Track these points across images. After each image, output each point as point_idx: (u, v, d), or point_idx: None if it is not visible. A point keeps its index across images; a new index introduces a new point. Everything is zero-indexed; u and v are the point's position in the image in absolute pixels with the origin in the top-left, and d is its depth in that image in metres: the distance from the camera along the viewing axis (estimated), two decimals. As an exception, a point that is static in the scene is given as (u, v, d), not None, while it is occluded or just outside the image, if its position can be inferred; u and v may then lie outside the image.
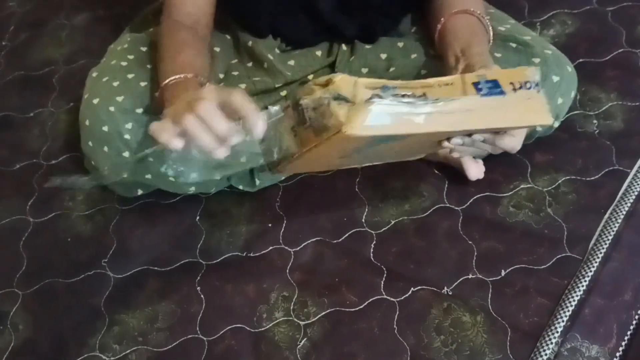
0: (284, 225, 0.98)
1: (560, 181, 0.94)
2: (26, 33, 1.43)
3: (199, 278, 0.93)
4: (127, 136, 0.87)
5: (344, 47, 0.98)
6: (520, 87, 0.70)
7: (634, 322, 0.80)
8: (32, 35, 1.42)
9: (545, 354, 0.77)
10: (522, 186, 0.95)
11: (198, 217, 1.01)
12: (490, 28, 0.86)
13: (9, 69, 1.35)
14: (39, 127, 1.20)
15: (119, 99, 0.88)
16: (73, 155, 1.12)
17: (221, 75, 0.98)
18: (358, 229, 0.95)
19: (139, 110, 0.88)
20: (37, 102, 1.24)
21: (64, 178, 0.74)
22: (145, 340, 0.88)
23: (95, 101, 0.89)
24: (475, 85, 0.68)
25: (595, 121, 1.00)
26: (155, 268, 0.96)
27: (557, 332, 0.78)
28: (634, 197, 0.89)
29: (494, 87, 0.69)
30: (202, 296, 0.91)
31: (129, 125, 0.87)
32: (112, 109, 0.88)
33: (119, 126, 0.87)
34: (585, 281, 0.82)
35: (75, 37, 1.39)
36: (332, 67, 0.98)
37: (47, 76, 1.30)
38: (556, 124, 0.94)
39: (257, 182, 1.01)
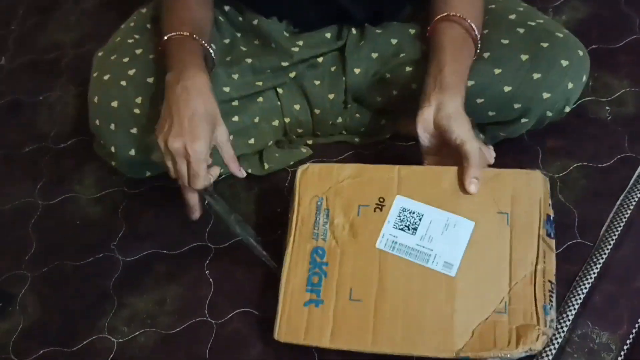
0: (293, 210, 0.97)
1: (571, 167, 0.93)
2: (35, 17, 1.43)
3: (207, 262, 0.93)
4: (136, 110, 0.87)
5: (353, 30, 0.97)
6: None
7: (645, 308, 0.79)
8: (41, 20, 1.42)
9: (557, 341, 0.77)
10: (533, 172, 0.94)
11: (206, 201, 1.01)
12: (479, 35, 0.85)
13: (18, 53, 1.35)
14: (48, 111, 1.20)
15: (131, 72, 0.88)
16: (81, 139, 1.12)
17: (226, 41, 0.97)
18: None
19: (150, 80, 0.88)
20: (46, 86, 1.24)
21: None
22: (153, 322, 0.88)
23: (106, 77, 0.89)
24: None
25: (607, 108, 0.99)
26: (164, 251, 0.96)
27: (569, 318, 0.78)
28: (646, 183, 0.89)
29: None
30: (210, 280, 0.91)
31: (138, 100, 0.87)
32: (123, 83, 0.88)
33: (129, 100, 0.87)
34: (596, 268, 0.82)
35: (84, 21, 1.38)
36: (341, 51, 0.97)
37: (56, 60, 1.30)
38: (567, 109, 0.93)
39: (266, 166, 1.01)
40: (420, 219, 0.77)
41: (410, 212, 0.78)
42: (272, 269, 0.84)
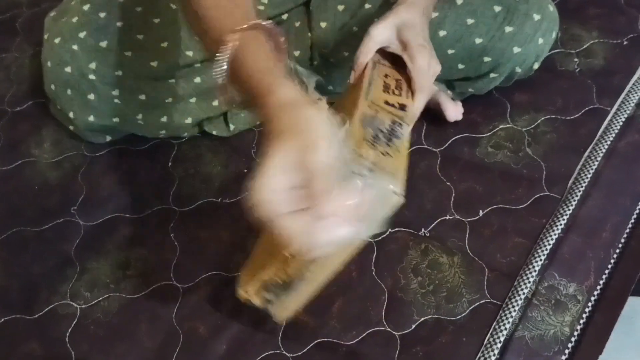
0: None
1: (539, 120, 0.92)
2: (-13, -24, 1.37)
3: (172, 225, 0.91)
4: (91, 76, 0.84)
5: None
6: None
7: (612, 260, 0.79)
8: (-6, -22, 1.35)
9: (523, 293, 0.76)
10: (501, 126, 0.93)
11: (170, 163, 0.99)
12: None
13: (-30, 14, 1.29)
14: (3, 73, 1.15)
15: (81, 35, 0.84)
16: (39, 101, 1.08)
17: None
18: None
19: (103, 44, 0.84)
20: (1, 47, 1.19)
21: None
22: (117, 287, 0.86)
23: (57, 40, 0.85)
24: None
25: (576, 59, 0.98)
26: (127, 215, 0.94)
27: (535, 270, 0.78)
28: (613, 135, 0.88)
29: None
30: (175, 243, 0.89)
31: (92, 65, 0.84)
32: (75, 47, 0.84)
33: (82, 66, 0.84)
34: (563, 220, 0.81)
35: (39, -21, 1.33)
36: (306, 5, 0.95)
37: (11, 20, 1.25)
38: (536, 66, 0.91)
39: (232, 127, 0.99)
40: None
41: None
42: None
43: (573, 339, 0.74)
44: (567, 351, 0.73)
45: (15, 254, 0.92)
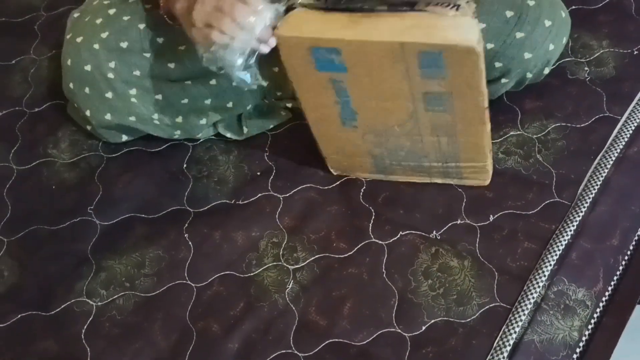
0: (273, 173, 0.97)
1: (550, 128, 0.93)
2: (6, -21, 1.39)
3: (186, 225, 0.93)
4: (110, 75, 0.85)
5: None
6: None
7: (621, 266, 0.80)
8: (12, -18, 1.38)
9: (533, 297, 0.77)
10: (511, 133, 0.94)
11: (185, 165, 1.00)
12: None
13: (-11, 16, 1.31)
14: (21, 75, 1.17)
15: (104, 35, 0.86)
16: (56, 102, 1.09)
17: None
18: (348, 176, 0.94)
19: (124, 45, 0.86)
20: (19, 49, 1.21)
21: None
22: (132, 285, 0.88)
23: (79, 39, 0.87)
24: None
25: (586, 68, 0.99)
26: (142, 215, 0.95)
27: (544, 275, 0.79)
28: (623, 143, 0.89)
29: None
30: (190, 243, 0.91)
31: (112, 64, 0.85)
32: (96, 46, 0.86)
33: (101, 65, 0.85)
34: (573, 225, 0.82)
35: (57, -17, 1.35)
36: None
37: (29, 23, 1.27)
38: (546, 71, 0.92)
39: (245, 130, 1.00)
40: None
41: None
42: None
43: (581, 344, 0.75)
44: (575, 356, 0.74)
45: (32, 253, 0.93)
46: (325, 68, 0.73)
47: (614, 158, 0.88)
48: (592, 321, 0.76)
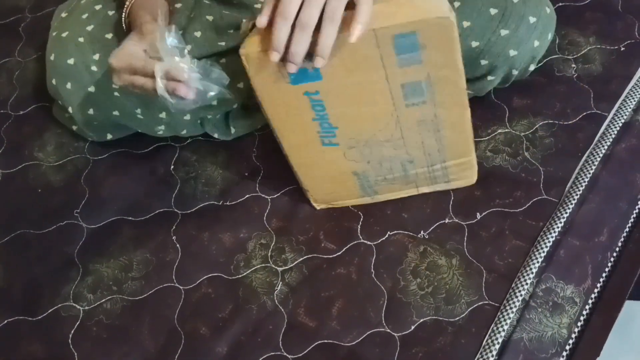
0: (260, 174, 0.96)
1: (537, 125, 0.93)
2: (-10, -19, 1.38)
3: (174, 227, 0.92)
4: (94, 68, 0.85)
5: None
6: None
7: (609, 263, 0.80)
8: (-3, -17, 1.37)
9: (521, 294, 0.77)
10: (499, 131, 0.94)
11: (172, 167, 0.99)
12: None
13: (-27, 18, 1.30)
14: (7, 76, 1.16)
15: (89, 28, 0.86)
16: (42, 105, 1.09)
17: None
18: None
19: (109, 36, 0.86)
20: (4, 52, 1.20)
21: None
22: (120, 289, 0.87)
23: (65, 34, 0.87)
24: None
25: (573, 65, 0.99)
26: (129, 218, 0.94)
27: (532, 272, 0.79)
28: (610, 140, 0.89)
29: None
30: (177, 245, 0.90)
31: (96, 57, 0.85)
32: (81, 39, 0.85)
33: (86, 57, 0.85)
34: (560, 223, 0.82)
35: (41, -16, 1.34)
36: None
37: (14, 24, 1.26)
38: (532, 67, 0.93)
39: (233, 130, 0.99)
40: None
41: None
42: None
43: (570, 341, 0.75)
44: (564, 353, 0.74)
45: (18, 256, 0.93)
46: (299, 80, 0.70)
47: (601, 155, 0.88)
48: (581, 318, 0.76)
